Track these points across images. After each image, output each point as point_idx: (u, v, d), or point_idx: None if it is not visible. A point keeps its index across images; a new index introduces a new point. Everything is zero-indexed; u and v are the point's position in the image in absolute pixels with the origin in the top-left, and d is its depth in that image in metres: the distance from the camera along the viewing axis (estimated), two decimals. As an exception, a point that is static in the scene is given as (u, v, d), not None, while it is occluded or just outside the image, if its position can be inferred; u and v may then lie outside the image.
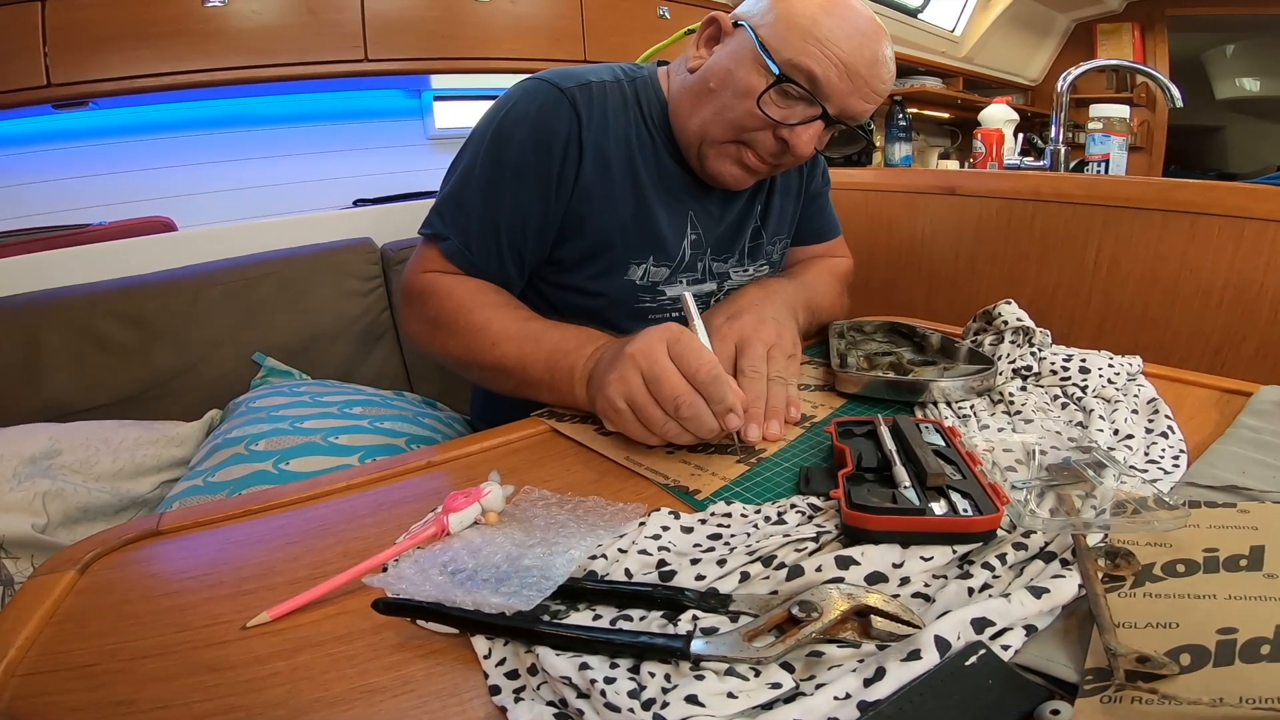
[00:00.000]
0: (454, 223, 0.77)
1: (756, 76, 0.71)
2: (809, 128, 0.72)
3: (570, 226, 0.79)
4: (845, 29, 0.69)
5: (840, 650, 0.34)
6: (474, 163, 0.76)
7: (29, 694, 0.35)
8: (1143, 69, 1.70)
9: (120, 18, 1.33)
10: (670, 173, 0.82)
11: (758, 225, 0.91)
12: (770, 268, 0.95)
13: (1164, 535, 0.40)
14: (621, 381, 0.56)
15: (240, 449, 0.95)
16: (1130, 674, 0.30)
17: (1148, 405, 0.63)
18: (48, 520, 0.88)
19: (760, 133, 0.74)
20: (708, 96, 0.75)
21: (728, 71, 0.73)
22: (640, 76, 0.83)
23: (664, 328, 0.57)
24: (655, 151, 0.81)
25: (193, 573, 0.45)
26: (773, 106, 0.71)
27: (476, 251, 0.76)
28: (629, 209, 0.79)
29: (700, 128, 0.76)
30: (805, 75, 0.70)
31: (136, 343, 1.19)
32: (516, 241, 0.77)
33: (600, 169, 0.77)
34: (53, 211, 1.49)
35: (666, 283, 0.84)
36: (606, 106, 0.77)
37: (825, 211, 1.03)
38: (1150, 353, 0.75)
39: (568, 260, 0.81)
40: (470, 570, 0.41)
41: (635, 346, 0.56)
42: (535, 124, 0.74)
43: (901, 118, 2.96)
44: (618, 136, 0.78)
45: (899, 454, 0.50)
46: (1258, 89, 3.83)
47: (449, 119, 1.94)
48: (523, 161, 0.75)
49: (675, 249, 0.83)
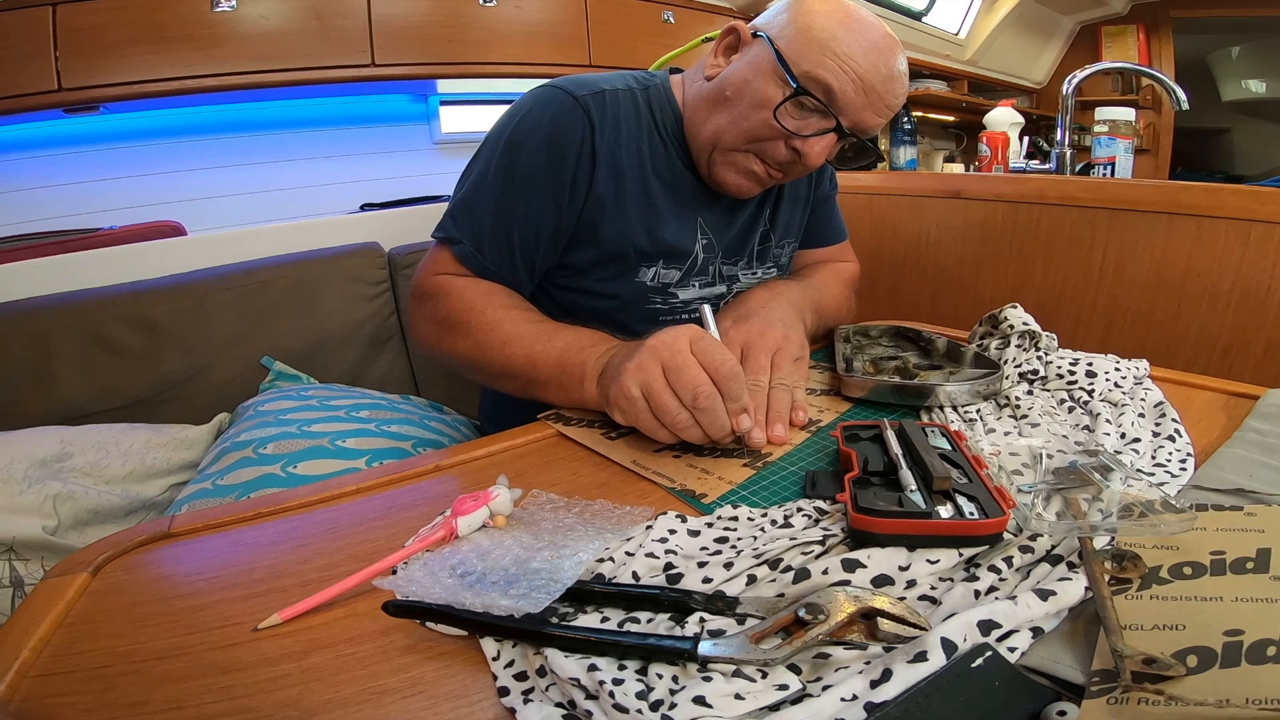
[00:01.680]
0: (467, 227, 0.77)
1: (774, 87, 0.72)
2: (821, 140, 0.73)
3: (583, 233, 0.79)
4: (862, 44, 0.70)
5: (847, 652, 0.34)
6: (488, 169, 0.77)
7: (42, 695, 0.36)
8: (1148, 71, 1.70)
9: (130, 22, 1.34)
10: (682, 179, 0.82)
11: (766, 229, 0.92)
12: (778, 270, 0.96)
13: (1171, 538, 0.40)
14: (640, 369, 0.56)
15: (249, 452, 0.96)
16: (1136, 675, 0.30)
17: (1155, 409, 0.62)
18: (58, 523, 0.89)
19: (773, 143, 0.75)
20: (723, 105, 0.76)
21: (745, 81, 0.74)
22: (653, 85, 0.84)
23: (686, 327, 0.58)
24: (668, 158, 0.82)
25: (204, 575, 0.46)
26: (788, 118, 0.72)
27: (489, 255, 0.77)
28: (641, 216, 0.80)
29: (713, 135, 0.77)
30: (822, 88, 0.71)
31: (146, 347, 1.20)
32: (529, 247, 0.78)
33: (613, 176, 0.78)
34: (63, 216, 1.50)
35: (678, 285, 0.85)
36: (619, 114, 0.78)
37: (832, 216, 1.04)
38: (1158, 356, 0.75)
39: (580, 265, 0.81)
40: (479, 573, 0.41)
41: (657, 339, 0.57)
42: (549, 131, 0.75)
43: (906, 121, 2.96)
44: (630, 144, 0.79)
45: (905, 458, 0.50)
46: (1264, 91, 3.82)
47: (456, 124, 1.94)
48: (536, 168, 0.75)
49: (688, 253, 0.84)
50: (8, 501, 0.87)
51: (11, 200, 1.49)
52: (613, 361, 0.62)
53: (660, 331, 0.58)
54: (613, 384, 0.59)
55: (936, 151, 3.64)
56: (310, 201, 1.79)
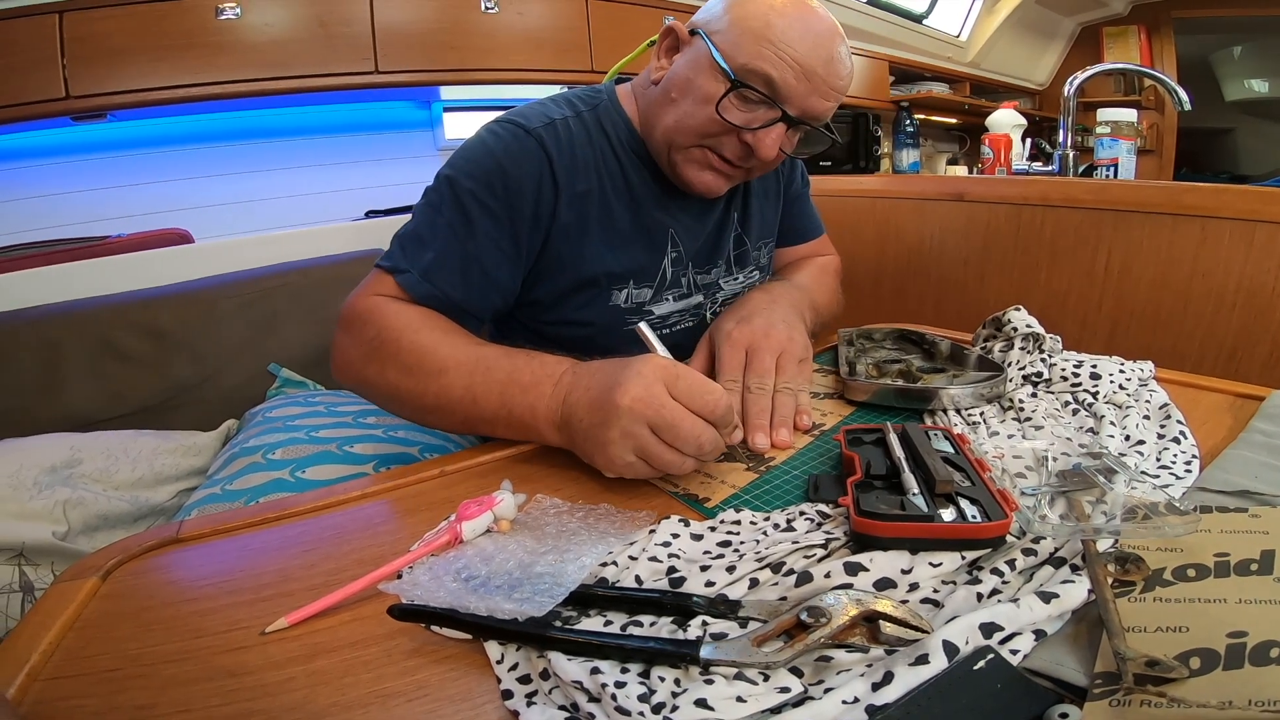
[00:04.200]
0: (415, 256, 0.71)
1: (715, 83, 0.71)
2: (771, 131, 0.72)
3: (550, 265, 0.77)
4: (799, 29, 0.69)
5: (848, 655, 0.35)
6: (440, 201, 0.73)
7: (52, 698, 0.36)
8: (1149, 72, 1.70)
9: (136, 30, 1.36)
10: (645, 193, 0.81)
11: (738, 232, 0.91)
12: (760, 272, 0.95)
13: (1174, 540, 0.40)
14: (627, 437, 0.52)
15: (258, 458, 0.97)
16: (1139, 678, 0.30)
17: (1159, 410, 0.62)
18: (68, 528, 0.90)
19: (724, 138, 0.74)
20: (671, 105, 0.75)
21: (687, 80, 0.73)
22: (601, 102, 0.82)
23: (650, 367, 0.53)
24: (625, 177, 0.80)
25: (212, 579, 0.46)
26: (733, 111, 0.71)
27: (440, 282, 0.71)
28: (606, 242, 0.78)
29: (665, 135, 0.76)
30: (762, 79, 0.70)
31: (154, 354, 1.21)
32: (486, 280, 0.73)
33: (575, 205, 0.76)
34: (72, 224, 1.52)
35: (652, 302, 0.83)
36: (573, 141, 0.76)
37: (808, 212, 1.04)
38: (1164, 357, 0.75)
39: (552, 297, 0.79)
40: (483, 577, 0.42)
41: (630, 397, 0.51)
42: (505, 164, 0.72)
43: (909, 124, 2.97)
44: (588, 171, 0.77)
45: (908, 461, 0.50)
46: (1267, 90, 3.81)
47: (459, 130, 1.96)
48: (493, 201, 0.72)
49: (655, 270, 0.82)
50: (18, 507, 0.88)
51: (20, 208, 1.51)
52: (575, 414, 0.56)
53: (622, 383, 0.52)
54: (599, 454, 0.54)
55: (939, 154, 3.65)
56: (315, 209, 1.80)
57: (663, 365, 0.53)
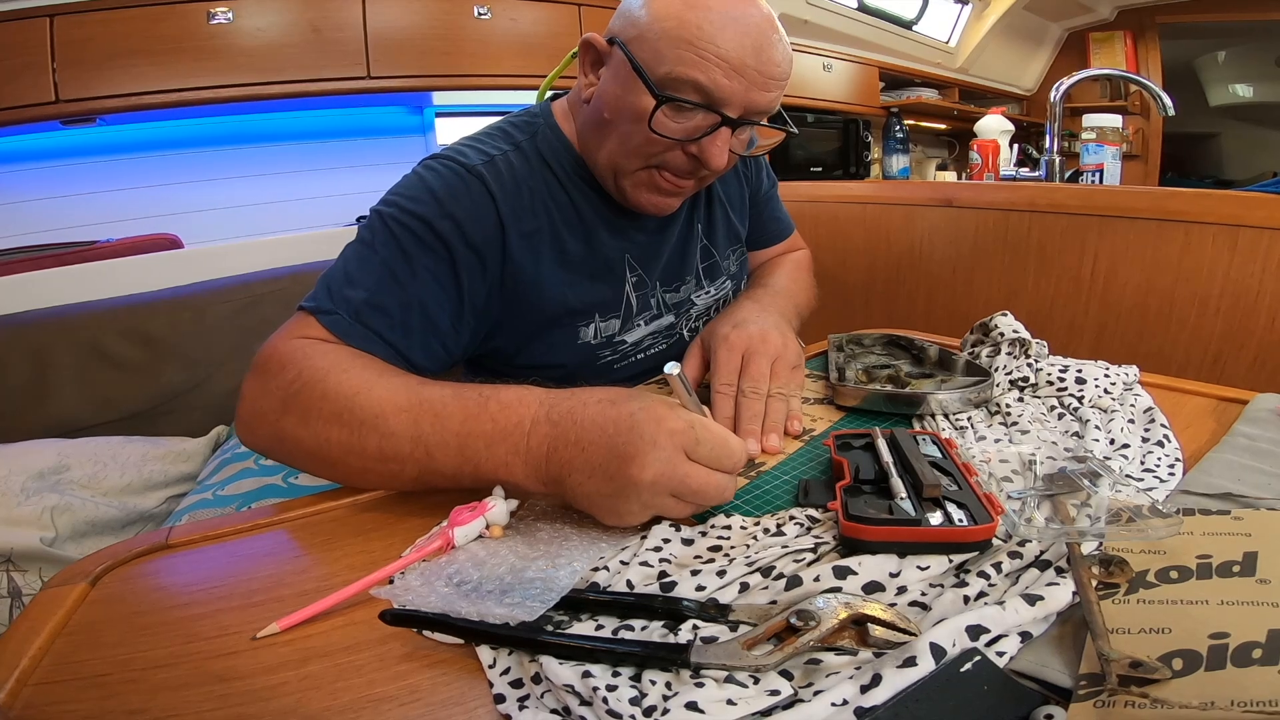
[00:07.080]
0: (343, 298, 0.62)
1: (645, 97, 0.64)
2: (715, 137, 0.66)
3: (505, 312, 0.72)
4: (718, 22, 0.62)
5: (838, 658, 0.35)
6: (374, 239, 0.66)
7: (42, 703, 0.36)
8: (1134, 78, 1.72)
9: (127, 34, 1.36)
10: (593, 223, 0.76)
11: (705, 244, 0.87)
12: (731, 281, 0.92)
13: (1158, 543, 0.41)
14: (648, 508, 0.47)
15: (250, 463, 0.96)
16: (1123, 679, 0.31)
17: (1144, 414, 0.63)
18: (56, 534, 0.89)
19: (669, 153, 0.68)
20: (607, 127, 0.69)
21: (617, 98, 0.67)
22: (539, 128, 0.76)
23: (665, 436, 0.46)
24: (575, 208, 0.75)
25: (202, 585, 0.46)
26: (669, 125, 0.65)
27: (374, 327, 0.62)
28: (563, 280, 0.74)
29: (609, 161, 0.71)
30: (690, 86, 0.63)
31: (144, 360, 1.20)
32: (425, 327, 0.66)
33: (526, 243, 0.71)
34: (60, 228, 1.51)
35: (623, 331, 0.80)
36: (516, 178, 0.71)
37: (778, 212, 1.02)
38: (1149, 361, 0.76)
39: (510, 348, 0.75)
40: (475, 582, 0.42)
41: (652, 473, 0.45)
42: (446, 203, 0.66)
43: (899, 130, 2.99)
44: (534, 208, 0.72)
45: (896, 466, 0.51)
46: (1251, 95, 3.85)
47: (451, 136, 1.96)
48: (434, 241, 0.66)
49: (619, 300, 0.79)
50: (6, 513, 0.88)
51: (8, 212, 1.50)
52: (573, 479, 0.48)
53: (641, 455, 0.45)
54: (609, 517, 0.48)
55: (929, 160, 3.67)
56: (307, 214, 1.80)
57: (678, 432, 0.46)
